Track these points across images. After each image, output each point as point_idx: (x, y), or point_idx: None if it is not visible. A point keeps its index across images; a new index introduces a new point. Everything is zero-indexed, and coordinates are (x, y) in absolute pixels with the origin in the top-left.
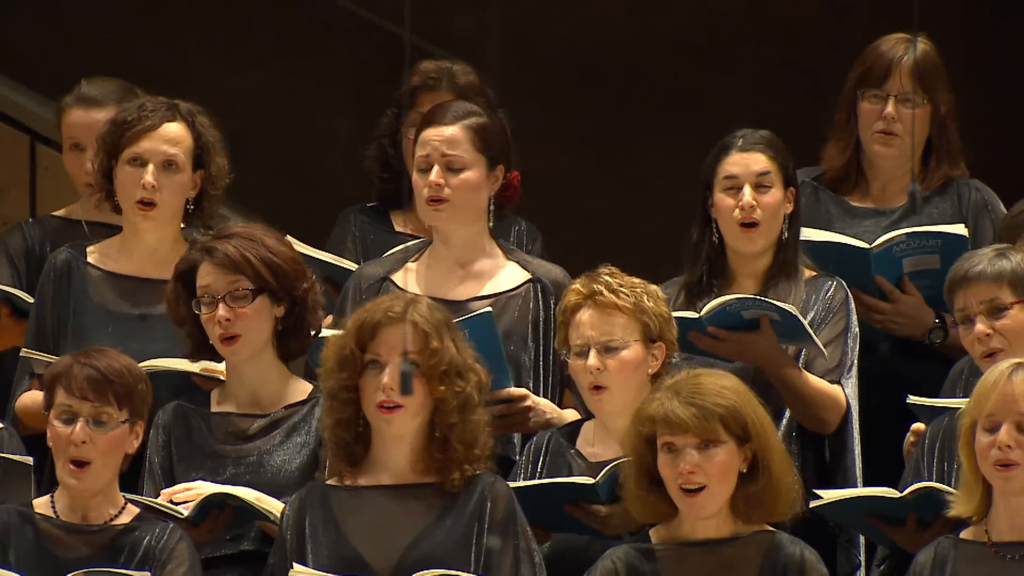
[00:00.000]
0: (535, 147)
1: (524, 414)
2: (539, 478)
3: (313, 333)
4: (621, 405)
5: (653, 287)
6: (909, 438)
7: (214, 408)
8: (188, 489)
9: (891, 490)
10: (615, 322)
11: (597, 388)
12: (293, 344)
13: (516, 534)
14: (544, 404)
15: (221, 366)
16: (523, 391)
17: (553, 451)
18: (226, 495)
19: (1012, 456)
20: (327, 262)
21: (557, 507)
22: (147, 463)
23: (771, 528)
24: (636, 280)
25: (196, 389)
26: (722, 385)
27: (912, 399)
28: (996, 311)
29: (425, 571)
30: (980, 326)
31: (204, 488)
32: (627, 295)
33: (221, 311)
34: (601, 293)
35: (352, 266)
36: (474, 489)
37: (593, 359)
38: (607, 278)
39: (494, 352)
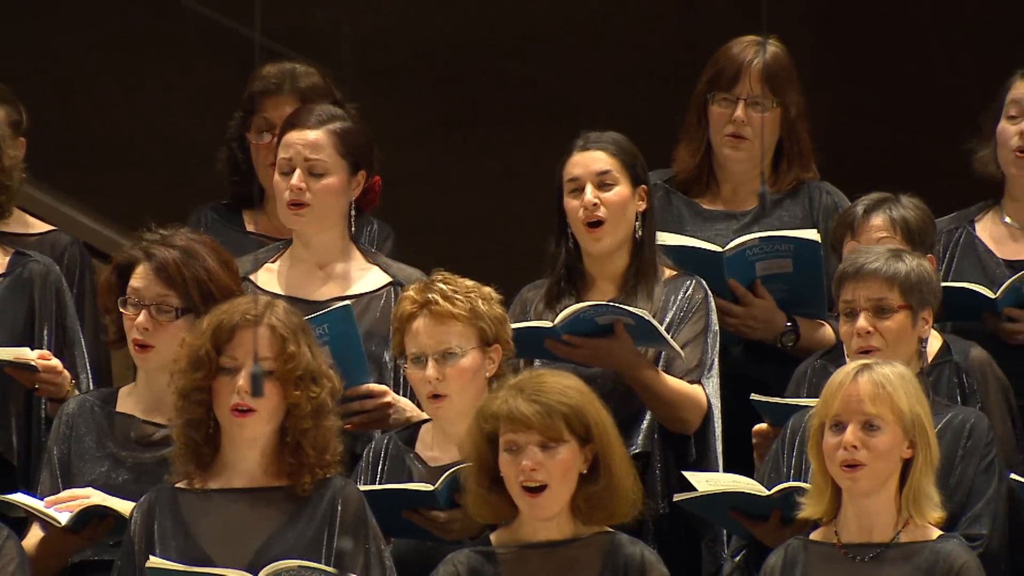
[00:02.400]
0: (391, 149)
1: (384, 411)
2: (379, 482)
3: None
4: (460, 410)
5: (487, 289)
6: (755, 439)
7: (120, 406)
8: (73, 498)
9: (756, 484)
10: (451, 330)
11: (436, 397)
12: None
13: (367, 537)
14: (404, 402)
15: (33, 354)
16: (383, 387)
17: (392, 455)
18: (105, 508)
19: (858, 457)
20: None
21: (396, 513)
22: (47, 453)
23: (610, 529)
24: (469, 283)
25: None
26: (565, 384)
27: (756, 397)
28: (882, 311)
29: (281, 561)
30: (863, 322)
31: (90, 497)
32: (462, 302)
33: (142, 318)
34: (436, 302)
35: None
36: (324, 492)
37: (431, 369)
38: (441, 286)
39: (354, 346)
